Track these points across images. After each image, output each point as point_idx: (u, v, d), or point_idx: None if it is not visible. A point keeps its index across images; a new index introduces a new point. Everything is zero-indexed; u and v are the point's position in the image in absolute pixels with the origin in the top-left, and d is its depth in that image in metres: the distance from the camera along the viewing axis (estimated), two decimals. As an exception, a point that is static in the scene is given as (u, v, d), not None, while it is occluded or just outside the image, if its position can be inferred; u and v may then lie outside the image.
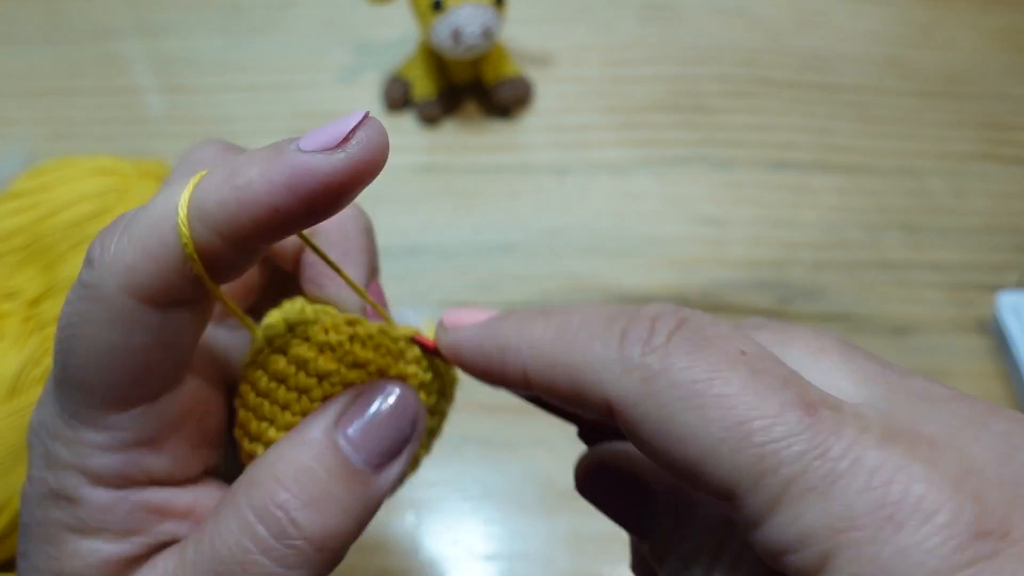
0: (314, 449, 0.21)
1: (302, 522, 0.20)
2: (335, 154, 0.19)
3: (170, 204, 0.19)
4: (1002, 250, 0.55)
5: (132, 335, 0.20)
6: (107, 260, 0.19)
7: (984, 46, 0.66)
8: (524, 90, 0.61)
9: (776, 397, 0.17)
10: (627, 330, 0.19)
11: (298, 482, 0.21)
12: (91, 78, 0.65)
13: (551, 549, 0.44)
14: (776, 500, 0.17)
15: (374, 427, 0.22)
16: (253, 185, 0.19)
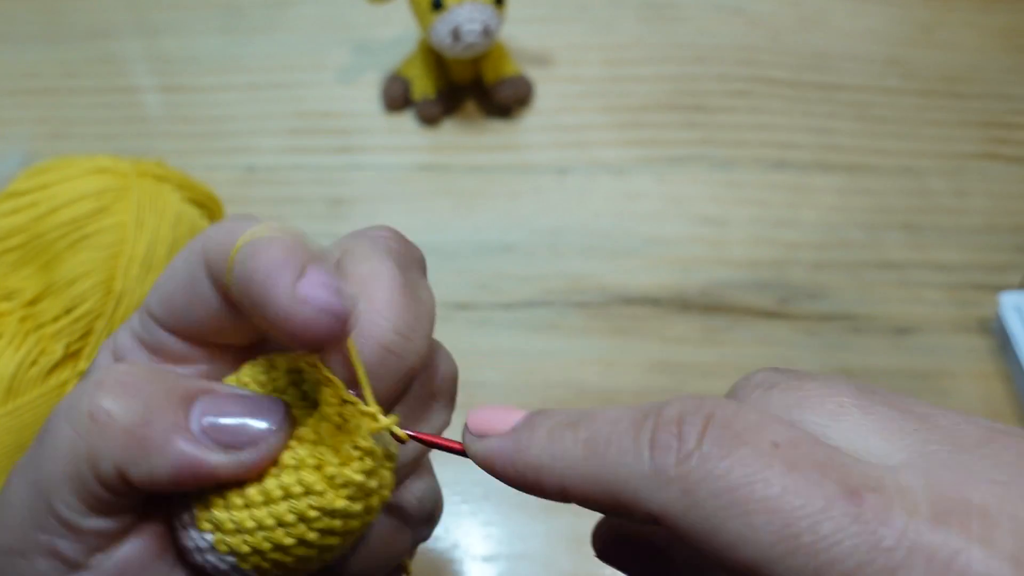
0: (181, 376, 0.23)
1: (107, 386, 0.22)
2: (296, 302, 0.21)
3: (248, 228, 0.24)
4: (1003, 250, 0.55)
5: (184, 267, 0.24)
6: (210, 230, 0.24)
7: (985, 45, 0.66)
8: (524, 89, 0.61)
9: (819, 491, 0.17)
10: (655, 439, 0.19)
11: (142, 373, 0.22)
12: (90, 77, 0.65)
13: (551, 550, 0.44)
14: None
15: (221, 404, 0.22)
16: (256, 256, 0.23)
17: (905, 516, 0.16)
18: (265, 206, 0.57)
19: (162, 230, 0.46)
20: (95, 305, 0.43)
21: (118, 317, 0.43)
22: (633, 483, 0.19)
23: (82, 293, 0.43)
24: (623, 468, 0.19)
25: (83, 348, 0.43)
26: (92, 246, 0.44)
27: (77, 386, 0.23)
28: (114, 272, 0.44)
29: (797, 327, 0.51)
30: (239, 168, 0.59)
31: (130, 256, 0.44)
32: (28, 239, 0.44)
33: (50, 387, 0.41)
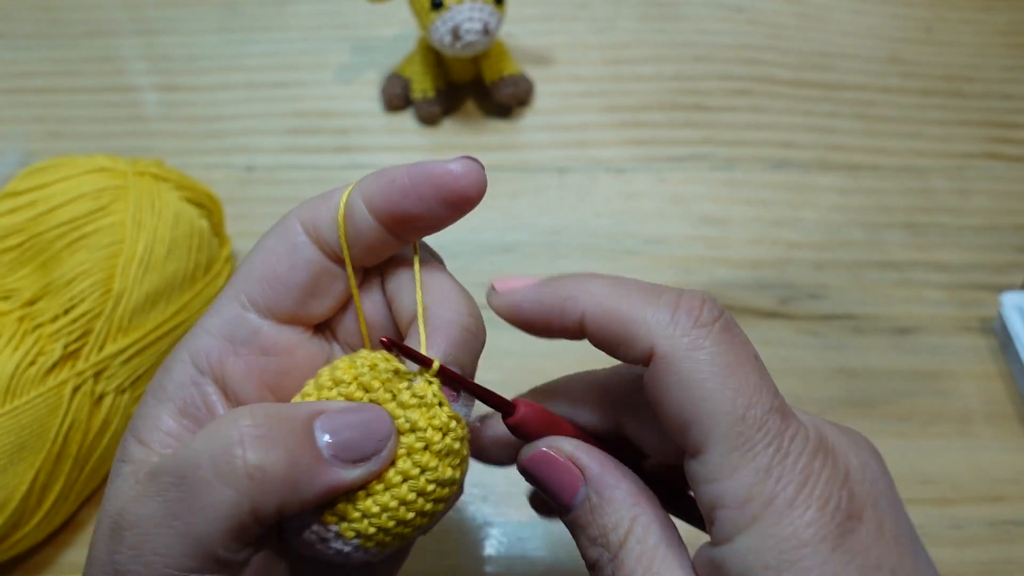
0: (293, 409, 0.25)
1: (249, 442, 0.23)
2: (453, 164, 0.26)
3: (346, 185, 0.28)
4: (1005, 250, 0.55)
5: (280, 239, 0.28)
6: (299, 207, 0.28)
7: (986, 44, 0.66)
8: (525, 88, 0.61)
9: (769, 400, 0.24)
10: (680, 303, 0.25)
11: (266, 420, 0.24)
12: (88, 76, 0.65)
13: (551, 550, 0.43)
14: (735, 469, 0.24)
15: (346, 431, 0.25)
16: (396, 172, 0.27)
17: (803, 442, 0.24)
18: (264, 205, 0.57)
19: (161, 230, 0.46)
20: (94, 305, 0.43)
21: (117, 317, 0.43)
22: (650, 324, 0.25)
23: (80, 293, 0.43)
24: (644, 311, 0.25)
25: (82, 348, 0.43)
26: (90, 246, 0.44)
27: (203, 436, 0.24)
28: (113, 272, 0.44)
29: (798, 327, 0.51)
30: (238, 167, 0.59)
31: (129, 256, 0.44)
32: (26, 239, 0.44)
33: (49, 387, 0.41)
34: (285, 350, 0.28)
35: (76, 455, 0.42)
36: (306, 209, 0.28)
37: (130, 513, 0.24)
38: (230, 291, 0.28)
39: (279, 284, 0.27)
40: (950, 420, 0.48)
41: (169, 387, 0.26)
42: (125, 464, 0.26)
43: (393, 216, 0.27)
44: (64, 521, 0.44)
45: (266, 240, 0.28)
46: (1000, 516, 0.44)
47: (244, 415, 0.24)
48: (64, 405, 0.41)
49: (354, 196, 0.27)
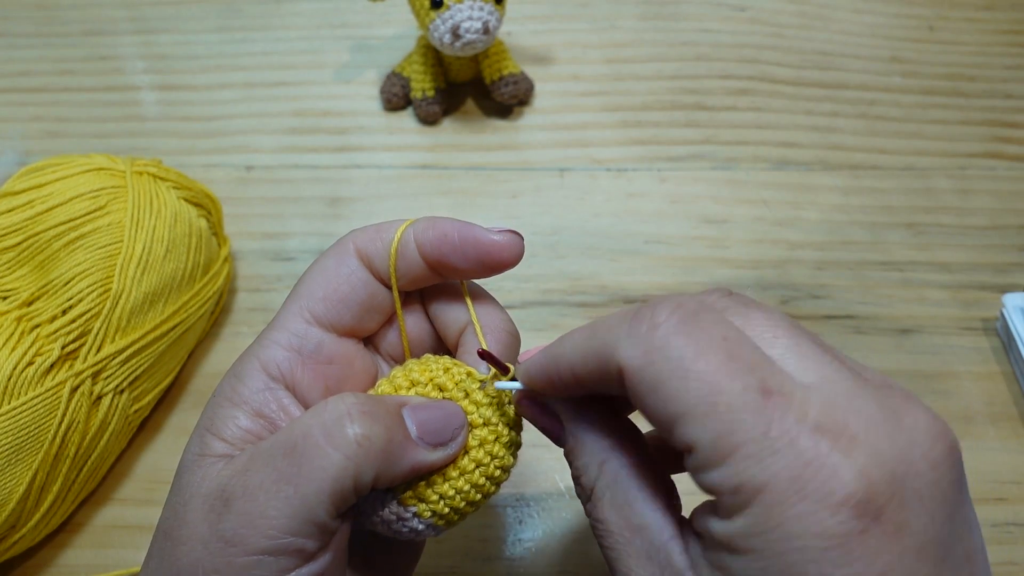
0: (385, 400, 0.29)
1: (355, 421, 0.27)
2: (488, 231, 0.31)
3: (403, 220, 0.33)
4: (1007, 250, 0.54)
5: (340, 263, 0.32)
6: (354, 231, 0.32)
7: (989, 43, 0.66)
8: (525, 87, 0.61)
9: (742, 380, 0.23)
10: (637, 315, 0.25)
11: (366, 402, 0.28)
12: (86, 76, 0.65)
13: (551, 551, 0.43)
14: (723, 456, 0.22)
15: (429, 418, 0.29)
16: (444, 220, 0.32)
17: (795, 420, 0.22)
18: (263, 205, 0.57)
19: (159, 229, 0.46)
20: (92, 305, 0.43)
21: (115, 317, 0.43)
22: (612, 343, 0.25)
23: (79, 293, 0.43)
24: (610, 335, 0.25)
25: (80, 348, 0.42)
26: (89, 246, 0.44)
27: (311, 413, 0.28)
28: (111, 272, 0.43)
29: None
30: (237, 167, 0.59)
31: (127, 256, 0.44)
32: (24, 239, 0.44)
33: (47, 388, 0.41)
34: (345, 360, 0.32)
35: (74, 456, 0.42)
36: (363, 237, 0.32)
37: (237, 486, 0.27)
38: (294, 307, 0.31)
39: (340, 302, 0.31)
40: (952, 421, 0.47)
41: (244, 392, 0.30)
42: (206, 457, 0.29)
43: (439, 263, 0.31)
44: (62, 522, 0.44)
45: (325, 261, 0.32)
46: (1002, 517, 0.44)
47: (348, 396, 0.28)
48: (62, 406, 0.41)
49: (407, 236, 0.32)
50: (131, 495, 0.45)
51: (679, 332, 0.24)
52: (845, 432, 0.22)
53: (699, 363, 0.23)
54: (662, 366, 0.23)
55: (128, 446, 0.47)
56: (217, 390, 0.31)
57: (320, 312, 0.31)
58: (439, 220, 0.32)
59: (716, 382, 0.23)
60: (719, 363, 0.23)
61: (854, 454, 0.22)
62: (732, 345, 0.23)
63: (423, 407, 0.30)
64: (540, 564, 0.43)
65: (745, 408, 0.22)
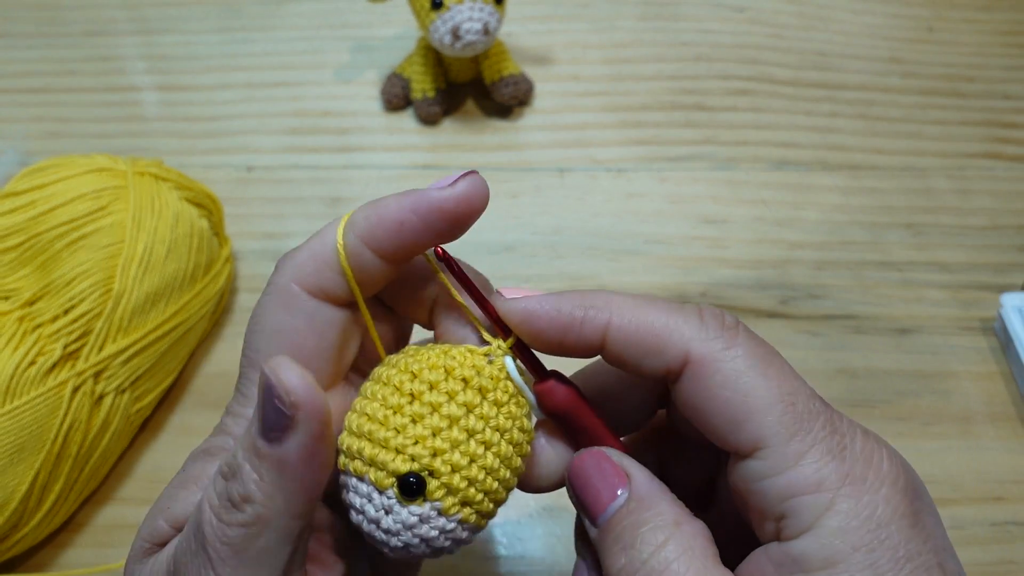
0: None
1: None
2: (444, 190, 0.26)
3: (335, 223, 0.27)
4: (1006, 250, 0.55)
5: (292, 315, 0.26)
6: (283, 263, 0.27)
7: (988, 44, 0.66)
8: (525, 87, 0.61)
9: (807, 388, 0.25)
10: (703, 312, 0.26)
11: None
12: (87, 76, 0.65)
13: (551, 551, 0.43)
14: (801, 455, 0.23)
15: None
16: (388, 206, 0.26)
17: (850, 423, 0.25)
18: (264, 205, 0.57)
19: (161, 230, 0.46)
20: (94, 305, 0.43)
21: (117, 317, 0.43)
22: (681, 330, 0.25)
23: (80, 293, 0.43)
24: (672, 320, 0.25)
25: (82, 348, 0.43)
26: (90, 246, 0.44)
27: None
28: (112, 272, 0.44)
29: (799, 327, 0.51)
30: (238, 167, 0.59)
31: (128, 256, 0.44)
32: (26, 239, 0.44)
33: (48, 387, 0.41)
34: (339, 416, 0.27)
35: (76, 455, 0.42)
36: (300, 271, 0.27)
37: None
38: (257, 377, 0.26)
39: (312, 359, 0.27)
40: (951, 420, 0.48)
41: None
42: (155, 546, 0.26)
43: (401, 253, 0.27)
44: (64, 521, 0.44)
45: (275, 318, 0.27)
46: (1001, 516, 0.44)
47: None
48: (64, 405, 0.41)
49: (352, 244, 0.26)
50: (133, 494, 0.46)
51: (752, 339, 0.25)
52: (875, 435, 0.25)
53: (775, 367, 0.25)
54: (742, 363, 0.24)
55: (130, 446, 0.47)
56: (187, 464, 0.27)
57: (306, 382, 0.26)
58: (378, 209, 0.26)
59: (791, 383, 0.24)
60: (791, 371, 0.25)
61: (894, 453, 0.24)
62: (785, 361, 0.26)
63: None
64: (540, 563, 0.43)
65: (816, 410, 0.24)
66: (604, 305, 0.26)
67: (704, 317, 0.25)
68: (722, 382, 0.24)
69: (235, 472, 0.24)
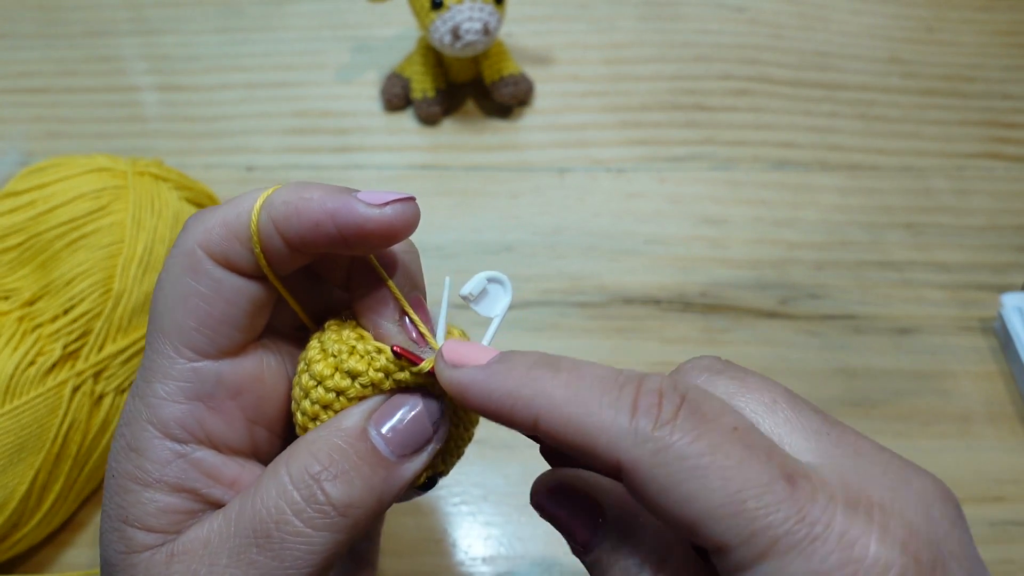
0: (347, 435, 0.25)
1: (330, 491, 0.24)
2: (372, 208, 0.25)
3: (254, 197, 0.26)
4: (1006, 250, 0.55)
5: (201, 282, 0.25)
6: (192, 224, 0.26)
7: (987, 44, 0.66)
8: (525, 87, 0.61)
9: (766, 470, 0.21)
10: (637, 404, 0.22)
11: (331, 458, 0.25)
12: (87, 76, 0.65)
13: (551, 551, 0.43)
14: (762, 554, 0.21)
15: (400, 426, 0.26)
16: (311, 201, 0.25)
17: (826, 500, 0.21)
18: (264, 205, 0.57)
19: (160, 229, 0.46)
20: (93, 305, 0.43)
21: (116, 317, 0.43)
22: (611, 434, 0.22)
23: (80, 293, 0.43)
24: (603, 418, 0.22)
25: (81, 348, 0.43)
26: (90, 246, 0.44)
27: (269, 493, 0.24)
28: (112, 272, 0.44)
29: (798, 327, 0.51)
30: (238, 167, 0.59)
31: (128, 256, 0.44)
32: (26, 239, 0.44)
33: (48, 387, 0.41)
34: (253, 379, 0.27)
35: (76, 455, 0.42)
36: (208, 236, 0.26)
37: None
38: (165, 346, 0.26)
39: (220, 323, 0.26)
40: (950, 420, 0.48)
41: (151, 468, 0.25)
42: (134, 554, 0.25)
43: (308, 247, 0.26)
44: (64, 521, 0.44)
45: (179, 283, 0.26)
46: (1000, 516, 0.44)
47: (306, 457, 0.25)
48: (64, 405, 0.41)
49: (265, 223, 0.25)
50: (132, 494, 0.46)
51: (690, 429, 0.22)
52: (873, 504, 0.21)
53: (717, 459, 0.21)
54: (676, 466, 0.21)
55: (129, 445, 0.47)
56: (113, 466, 0.26)
57: (201, 344, 0.26)
58: (300, 199, 0.25)
59: (739, 477, 0.21)
60: (738, 457, 0.21)
61: (890, 527, 0.21)
62: (744, 435, 0.22)
63: (386, 415, 0.26)
64: (540, 563, 0.43)
65: (775, 500, 0.21)
66: (530, 400, 0.23)
67: (637, 410, 0.22)
68: (658, 491, 0.22)
69: None
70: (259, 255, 0.25)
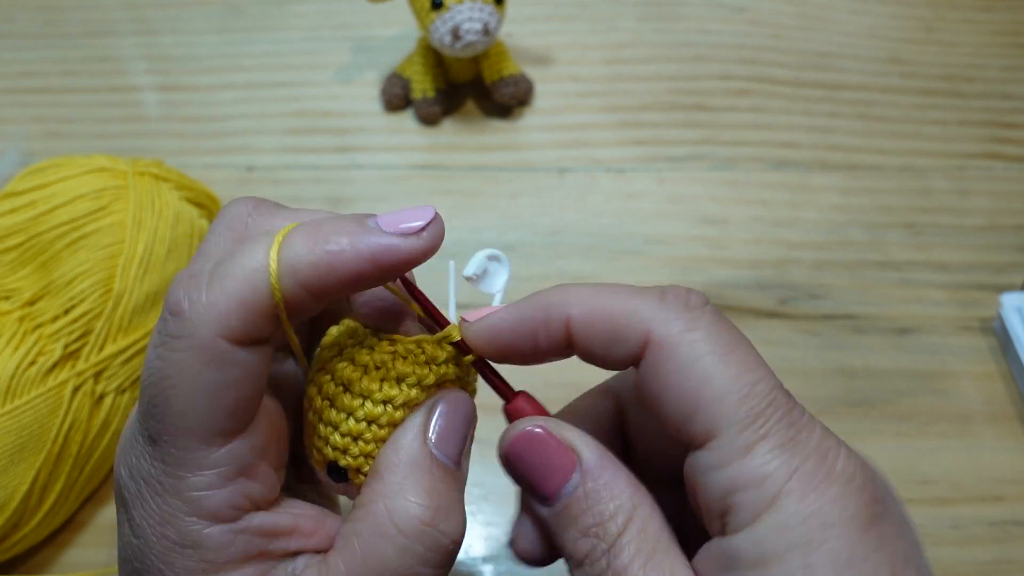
0: (423, 465, 0.25)
1: (447, 530, 0.25)
2: (411, 239, 0.24)
3: (259, 260, 0.23)
4: (1005, 250, 0.55)
5: (227, 372, 0.23)
6: (200, 311, 0.23)
7: (987, 44, 0.66)
8: (525, 88, 0.61)
9: (771, 375, 0.23)
10: (665, 292, 0.24)
11: (431, 498, 0.25)
12: (88, 76, 0.65)
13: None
14: (750, 447, 0.22)
15: (451, 431, 0.26)
16: (344, 254, 0.23)
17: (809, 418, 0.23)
18: (264, 206, 0.57)
19: (161, 230, 0.46)
20: (94, 305, 0.43)
21: (117, 317, 0.43)
22: (642, 314, 0.24)
23: (81, 293, 0.43)
24: (631, 303, 0.24)
25: (82, 348, 0.43)
26: (90, 246, 0.44)
27: None
28: (113, 272, 0.44)
29: (798, 327, 0.51)
30: (238, 167, 0.59)
31: (129, 256, 0.44)
32: (26, 239, 0.44)
33: (49, 387, 0.41)
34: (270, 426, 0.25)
35: (76, 455, 0.42)
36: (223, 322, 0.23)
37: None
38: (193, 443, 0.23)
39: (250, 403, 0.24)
40: (950, 420, 0.48)
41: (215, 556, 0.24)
42: None
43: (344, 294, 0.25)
44: (64, 521, 0.44)
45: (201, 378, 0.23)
46: (1000, 516, 0.44)
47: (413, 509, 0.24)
48: (64, 405, 0.41)
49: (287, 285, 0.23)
50: (133, 494, 0.46)
51: (716, 321, 0.24)
52: (843, 442, 0.23)
53: (738, 352, 0.23)
54: (701, 345, 0.23)
55: (130, 445, 0.47)
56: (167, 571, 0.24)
57: (233, 427, 0.24)
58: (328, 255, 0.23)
59: (755, 373, 0.23)
60: (756, 358, 0.23)
61: (852, 451, 0.23)
62: (752, 346, 0.24)
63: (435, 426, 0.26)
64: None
65: (777, 401, 0.23)
66: (562, 300, 0.25)
67: (666, 297, 0.24)
68: (677, 367, 0.23)
69: None
70: (286, 324, 0.24)
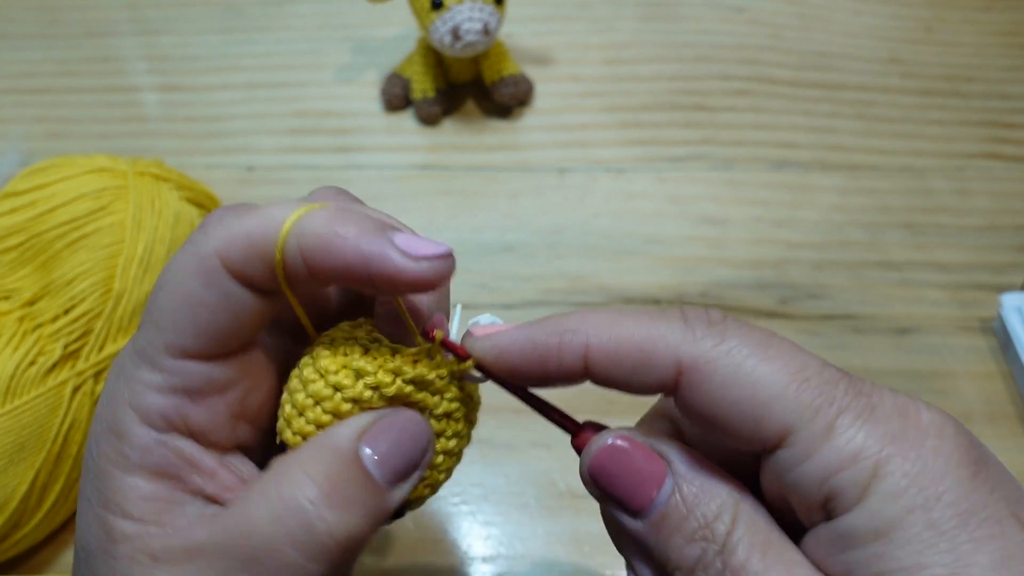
0: (343, 456, 0.24)
1: (329, 519, 0.23)
2: (407, 260, 0.23)
3: (284, 215, 0.24)
4: (1005, 250, 0.55)
5: (210, 292, 0.24)
6: (214, 226, 0.24)
7: (987, 44, 0.66)
8: (525, 88, 0.61)
9: (815, 358, 0.23)
10: (686, 314, 0.24)
11: (328, 483, 0.24)
12: (88, 76, 0.65)
13: (551, 550, 0.43)
14: (830, 428, 0.21)
15: (392, 449, 0.25)
16: (346, 242, 0.23)
17: (871, 384, 0.23)
18: (264, 206, 0.57)
19: (161, 230, 0.46)
20: (94, 305, 0.43)
21: (117, 317, 0.43)
22: (668, 340, 0.23)
23: (81, 293, 0.43)
24: (657, 328, 0.23)
25: (82, 348, 0.43)
26: (90, 246, 0.44)
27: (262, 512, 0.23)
28: (113, 272, 0.44)
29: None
30: (238, 167, 0.59)
31: (129, 256, 0.44)
32: (26, 239, 0.44)
33: (49, 387, 0.41)
34: (244, 374, 0.26)
35: (76, 455, 0.42)
36: (226, 243, 0.24)
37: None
38: (159, 340, 0.24)
39: (219, 333, 0.24)
40: (950, 420, 0.48)
41: (131, 453, 0.24)
42: (119, 544, 0.24)
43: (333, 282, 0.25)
44: (64, 521, 0.44)
45: (187, 284, 0.24)
46: (1000, 516, 0.44)
47: (301, 476, 0.23)
48: (64, 405, 0.41)
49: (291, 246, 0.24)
50: (133, 494, 0.46)
51: (742, 329, 0.23)
52: (913, 396, 0.23)
53: (774, 349, 0.22)
54: (738, 357, 0.22)
55: (130, 445, 0.47)
56: (93, 448, 0.25)
57: (195, 349, 0.24)
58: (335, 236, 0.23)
59: (798, 359, 0.22)
60: (791, 347, 0.23)
61: (932, 408, 0.22)
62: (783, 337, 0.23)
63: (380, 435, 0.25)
64: (540, 563, 0.43)
65: (834, 378, 0.22)
66: (579, 327, 0.24)
67: (688, 318, 0.23)
68: (723, 382, 0.22)
69: None
70: (282, 280, 0.24)
